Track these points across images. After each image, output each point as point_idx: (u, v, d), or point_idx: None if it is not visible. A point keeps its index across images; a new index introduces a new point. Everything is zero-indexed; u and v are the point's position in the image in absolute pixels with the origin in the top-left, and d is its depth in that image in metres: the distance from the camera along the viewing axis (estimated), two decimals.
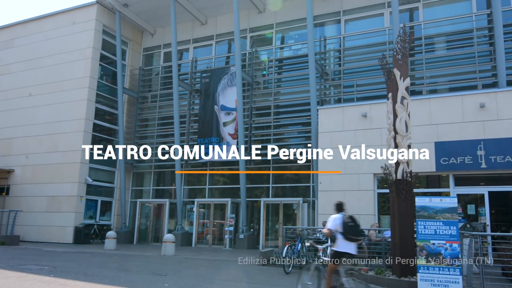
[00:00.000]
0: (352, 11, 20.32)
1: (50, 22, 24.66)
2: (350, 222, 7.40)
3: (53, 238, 21.20)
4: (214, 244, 20.67)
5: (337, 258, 7.28)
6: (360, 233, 7.54)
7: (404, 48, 11.14)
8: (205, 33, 23.98)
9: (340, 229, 7.36)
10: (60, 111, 22.63)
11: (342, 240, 7.30)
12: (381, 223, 15.25)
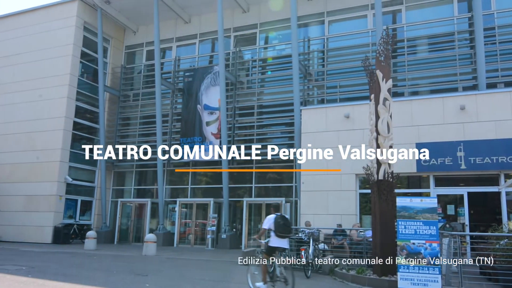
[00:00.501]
0: (335, 12, 20.43)
1: (29, 17, 24.18)
2: (281, 221, 8.52)
3: (31, 238, 20.79)
4: (196, 244, 20.56)
5: (271, 251, 8.41)
6: (289, 231, 8.59)
7: (386, 50, 11.23)
8: (188, 31, 23.82)
9: (272, 228, 8.47)
10: (39, 108, 22.22)
11: (274, 236, 8.44)
12: (363, 223, 15.37)
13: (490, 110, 14.36)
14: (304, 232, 13.21)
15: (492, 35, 17.18)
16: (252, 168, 20.46)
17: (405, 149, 14.16)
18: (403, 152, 13.85)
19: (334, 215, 15.38)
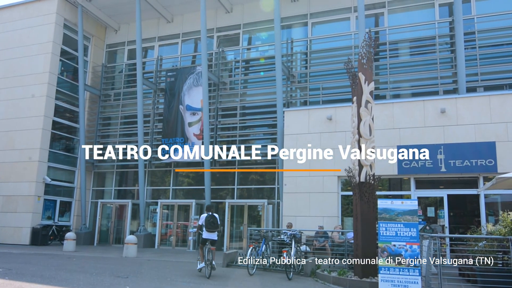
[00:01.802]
0: (319, 14, 20.51)
1: (8, 13, 23.64)
2: (210, 219, 11.45)
3: (8, 239, 20.35)
4: (177, 245, 20.38)
5: (203, 242, 11.41)
6: (215, 227, 11.44)
7: (369, 52, 11.30)
8: (171, 31, 23.62)
9: (203, 224, 11.42)
10: (17, 107, 21.76)
11: (205, 231, 11.40)
12: (344, 225, 15.44)
13: (470, 114, 14.58)
14: (286, 233, 13.18)
15: (472, 39, 17.47)
16: (235, 169, 20.39)
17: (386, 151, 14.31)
18: (385, 154, 14.00)
19: (316, 217, 15.41)
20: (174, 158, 20.76)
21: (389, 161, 14.60)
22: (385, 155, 14.68)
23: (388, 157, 14.60)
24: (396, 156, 14.87)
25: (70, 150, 23.41)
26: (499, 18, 17.46)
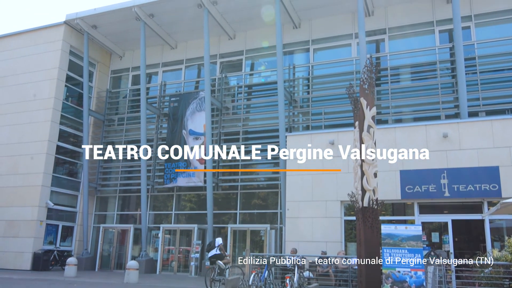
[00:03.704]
0: (320, 40, 20.80)
1: (16, 40, 24.07)
2: (210, 243, 14.75)
3: (9, 265, 20.19)
4: (179, 271, 20.15)
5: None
6: (210, 249, 14.53)
7: (370, 78, 11.40)
8: (174, 57, 23.96)
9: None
10: (22, 132, 21.92)
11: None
12: (348, 250, 15.27)
13: (472, 138, 14.59)
14: (289, 259, 13.05)
15: (473, 65, 17.63)
16: (236, 195, 20.37)
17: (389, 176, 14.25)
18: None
19: (319, 242, 15.26)
20: (176, 183, 20.77)
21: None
22: (388, 179, 14.63)
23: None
24: (399, 180, 14.82)
25: (73, 175, 23.46)
26: (499, 44, 17.68)
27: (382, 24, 19.75)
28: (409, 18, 19.27)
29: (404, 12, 19.40)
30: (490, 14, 18.17)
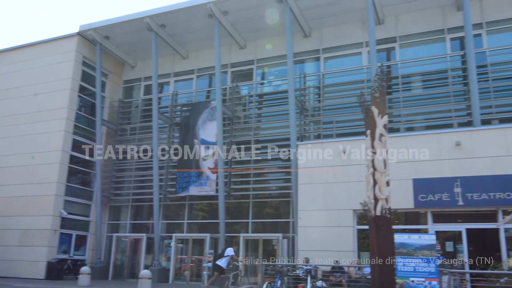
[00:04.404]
0: (331, 49, 20.87)
1: (29, 52, 24.49)
2: (220, 253, 15.44)
3: (24, 273, 20.38)
4: (192, 280, 20.17)
5: None
6: (218, 258, 15.39)
7: (381, 86, 11.39)
8: (186, 67, 24.17)
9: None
10: (36, 142, 22.21)
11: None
12: (361, 259, 15.20)
13: (486, 146, 14.49)
14: (301, 269, 13.03)
15: (485, 72, 17.54)
16: (248, 204, 20.39)
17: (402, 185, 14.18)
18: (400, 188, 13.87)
19: (331, 252, 15.20)
20: (188, 192, 20.89)
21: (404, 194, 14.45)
22: (400, 188, 14.57)
23: (403, 189, 14.48)
24: (411, 189, 14.76)
25: (87, 184, 23.68)
26: (511, 51, 17.57)
27: (392, 32, 19.76)
28: (420, 26, 19.27)
29: (414, 20, 19.41)
30: (501, 22, 18.10)
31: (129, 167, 23.87)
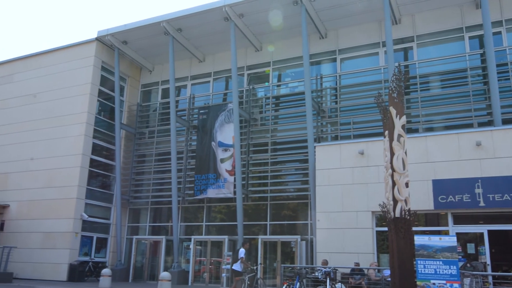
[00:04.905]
0: (347, 50, 20.77)
1: (49, 58, 24.97)
2: (235, 256, 14.84)
3: (47, 276, 20.75)
4: (211, 282, 20.28)
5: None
6: (234, 261, 15.16)
7: (399, 86, 11.30)
8: (203, 70, 24.34)
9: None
10: (57, 146, 22.63)
11: None
12: (380, 261, 15.08)
13: (507, 146, 14.23)
14: (320, 271, 12.99)
15: (505, 71, 17.25)
16: (266, 206, 20.41)
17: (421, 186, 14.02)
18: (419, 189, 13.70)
19: (350, 254, 15.13)
20: (207, 194, 21.02)
21: (424, 195, 14.28)
22: (420, 189, 14.41)
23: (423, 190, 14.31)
24: (431, 190, 14.59)
25: (107, 187, 24.02)
26: None
27: (409, 31, 19.58)
28: (438, 25, 19.05)
29: (432, 19, 19.19)
30: None
31: (148, 170, 24.12)
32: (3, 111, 25.23)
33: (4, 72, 26.26)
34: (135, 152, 24.64)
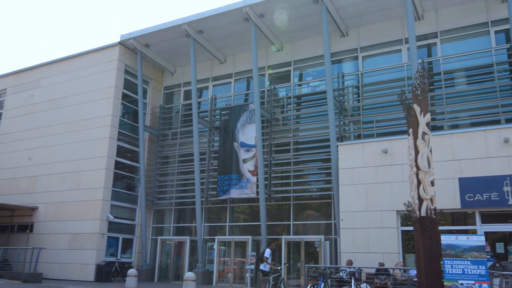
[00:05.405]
0: (369, 47, 20.55)
1: (74, 62, 25.49)
2: (261, 256, 14.53)
3: (75, 276, 21.20)
4: (235, 282, 20.35)
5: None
6: (259, 261, 14.68)
7: (423, 83, 11.12)
8: (224, 71, 24.46)
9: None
10: (83, 149, 23.08)
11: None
12: (406, 261, 14.88)
13: None
14: (345, 271, 12.89)
15: None
16: (289, 206, 20.37)
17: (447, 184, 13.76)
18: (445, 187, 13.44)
19: (375, 254, 14.97)
20: (230, 194, 21.11)
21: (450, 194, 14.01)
22: (446, 187, 14.14)
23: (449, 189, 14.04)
24: (458, 188, 14.31)
25: (131, 189, 24.37)
26: None
27: (433, 27, 19.24)
28: (462, 20, 18.66)
29: (456, 14, 18.82)
30: None
31: (171, 171, 24.38)
32: (31, 115, 25.89)
33: (31, 77, 26.96)
34: (159, 154, 24.93)
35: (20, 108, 26.69)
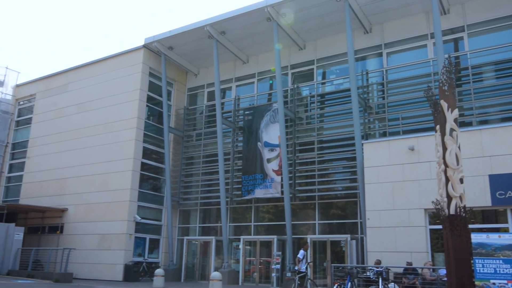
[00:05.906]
0: (393, 44, 20.24)
1: (100, 67, 26.00)
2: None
3: (103, 276, 21.60)
4: (261, 282, 20.35)
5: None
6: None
7: (450, 78, 10.86)
8: (247, 71, 24.49)
9: None
10: (110, 151, 23.50)
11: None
12: (435, 261, 14.58)
13: None
14: (372, 270, 12.72)
15: None
16: (314, 205, 20.24)
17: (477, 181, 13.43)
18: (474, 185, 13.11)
19: (403, 253, 14.72)
20: (254, 194, 21.13)
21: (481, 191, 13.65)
22: (476, 185, 13.79)
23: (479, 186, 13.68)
24: (488, 186, 13.93)
25: (157, 190, 24.68)
26: None
27: (459, 21, 18.80)
28: (489, 13, 18.16)
29: (483, 7, 18.34)
30: None
31: (196, 172, 24.55)
32: (60, 119, 26.52)
33: (59, 82, 27.63)
34: (183, 155, 25.15)
35: (49, 112, 27.40)
